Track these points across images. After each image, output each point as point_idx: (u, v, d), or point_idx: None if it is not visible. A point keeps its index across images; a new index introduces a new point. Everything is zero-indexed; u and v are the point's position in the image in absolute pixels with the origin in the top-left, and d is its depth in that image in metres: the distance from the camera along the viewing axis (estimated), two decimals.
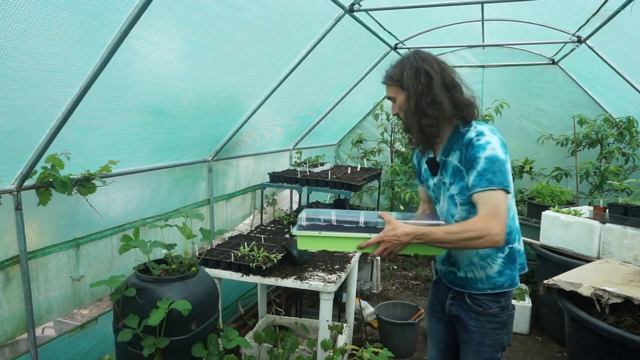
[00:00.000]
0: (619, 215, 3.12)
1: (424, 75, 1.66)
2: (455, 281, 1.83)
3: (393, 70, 1.75)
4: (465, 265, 1.78)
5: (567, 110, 5.05)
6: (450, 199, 1.73)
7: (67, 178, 2.05)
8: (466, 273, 1.79)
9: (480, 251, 1.71)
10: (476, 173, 1.58)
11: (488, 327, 1.77)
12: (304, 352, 2.79)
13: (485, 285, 1.76)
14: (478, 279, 1.76)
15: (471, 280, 1.78)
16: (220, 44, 2.44)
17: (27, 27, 1.52)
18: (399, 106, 1.74)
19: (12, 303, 2.04)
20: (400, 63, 1.74)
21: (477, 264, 1.75)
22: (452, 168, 1.71)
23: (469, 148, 1.63)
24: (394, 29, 4.07)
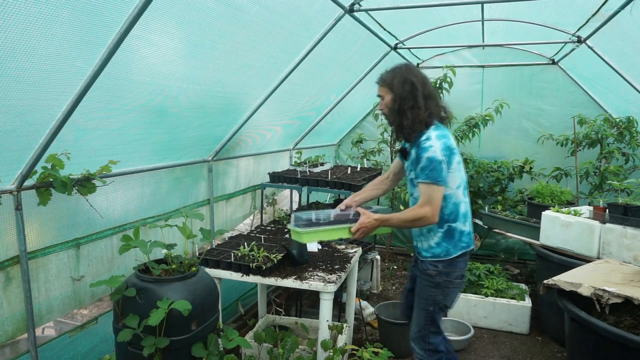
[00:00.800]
0: (619, 215, 3.11)
1: (409, 84, 2.15)
2: (414, 249, 2.46)
3: (387, 74, 2.23)
4: (417, 236, 2.38)
5: (567, 110, 5.05)
6: (410, 181, 2.31)
7: (67, 178, 2.05)
8: (417, 243, 2.39)
9: (425, 227, 2.26)
10: (420, 168, 2.14)
11: (425, 284, 2.33)
12: (304, 352, 2.79)
13: (427, 253, 2.32)
14: (423, 248, 2.34)
15: (419, 248, 2.37)
16: (220, 44, 2.44)
17: (27, 27, 1.52)
18: (385, 104, 2.24)
19: (13, 303, 2.04)
20: (393, 70, 2.22)
21: (424, 236, 2.33)
22: (412, 158, 2.25)
23: (419, 148, 2.16)
24: (394, 29, 4.07)
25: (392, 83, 2.18)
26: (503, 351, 3.63)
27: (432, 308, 2.32)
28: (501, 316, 3.90)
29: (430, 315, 2.33)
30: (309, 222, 2.32)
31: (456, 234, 2.26)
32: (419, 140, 2.16)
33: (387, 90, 2.21)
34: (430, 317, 2.33)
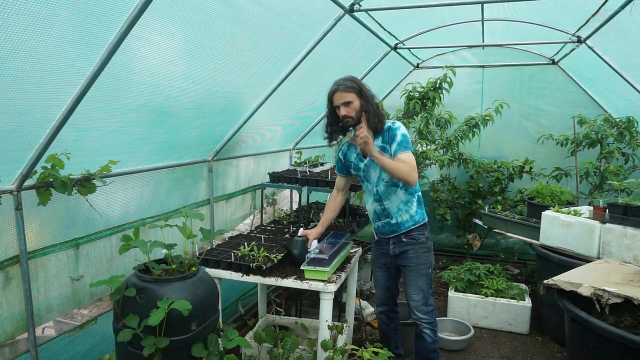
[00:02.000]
0: (618, 215, 3.11)
1: (368, 89, 2.59)
2: (391, 229, 2.70)
3: (348, 82, 2.53)
4: (395, 212, 2.66)
5: (567, 110, 5.05)
6: (381, 169, 2.55)
7: (67, 178, 2.05)
8: (397, 218, 2.67)
9: (403, 199, 2.63)
10: (397, 144, 2.51)
11: (420, 252, 2.68)
12: (304, 352, 2.79)
13: (411, 222, 2.66)
14: (405, 220, 2.66)
15: (401, 223, 2.66)
16: (220, 44, 2.44)
17: (26, 27, 1.52)
18: (354, 108, 2.50)
19: (12, 303, 2.04)
20: (351, 80, 2.56)
21: (402, 209, 2.65)
22: (378, 148, 2.50)
23: (390, 130, 2.56)
24: (394, 29, 4.07)
25: (359, 88, 2.52)
26: (503, 351, 3.63)
27: (430, 270, 2.71)
28: (501, 316, 3.90)
29: (430, 277, 2.72)
30: (317, 256, 2.64)
31: (421, 202, 2.73)
32: (384, 128, 2.57)
33: (355, 96, 2.50)
34: (430, 280, 2.74)
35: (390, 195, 2.63)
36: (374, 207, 2.73)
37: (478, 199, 5.18)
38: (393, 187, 2.61)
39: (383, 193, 2.64)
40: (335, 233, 3.16)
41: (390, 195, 2.63)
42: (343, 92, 2.49)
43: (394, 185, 2.61)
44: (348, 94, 2.49)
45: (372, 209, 2.75)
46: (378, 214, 2.72)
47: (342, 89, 2.50)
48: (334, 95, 2.53)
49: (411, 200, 2.65)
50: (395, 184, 2.60)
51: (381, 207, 2.68)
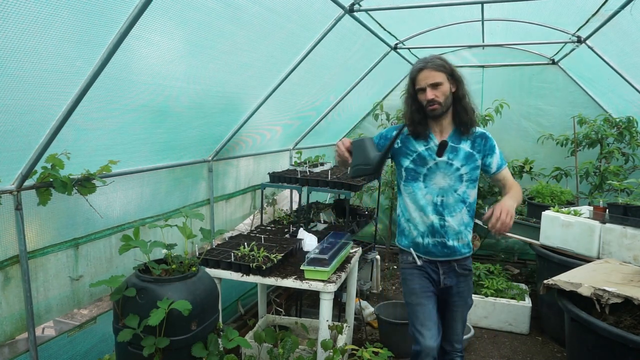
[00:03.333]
0: (619, 215, 3.11)
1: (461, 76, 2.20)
2: (444, 251, 2.23)
3: (440, 61, 2.12)
4: (453, 234, 2.22)
5: (567, 110, 5.05)
6: (459, 177, 2.18)
7: (67, 178, 2.05)
8: (453, 241, 2.22)
9: (465, 220, 2.22)
10: (499, 157, 2.26)
11: (469, 281, 2.35)
12: (304, 352, 2.78)
13: (467, 249, 2.27)
14: (461, 245, 2.24)
15: (456, 248, 2.23)
16: (219, 44, 2.44)
17: (26, 26, 1.52)
18: (443, 92, 2.11)
19: (11, 303, 2.04)
20: (441, 59, 2.14)
21: (462, 233, 2.23)
22: (463, 153, 2.18)
23: (486, 140, 2.23)
24: (394, 29, 4.07)
25: (451, 70, 2.12)
26: (503, 351, 3.63)
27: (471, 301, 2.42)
28: (501, 316, 3.90)
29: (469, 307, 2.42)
30: (317, 257, 2.60)
31: None
32: (477, 133, 2.21)
33: (446, 77, 2.09)
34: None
35: (456, 211, 2.19)
36: (430, 220, 2.20)
37: (478, 199, 5.17)
38: (461, 204, 2.20)
39: (449, 206, 2.19)
40: (335, 233, 3.16)
41: (455, 211, 2.19)
42: (432, 71, 2.08)
43: (462, 201, 2.20)
44: (438, 74, 2.08)
45: (428, 222, 2.21)
46: (434, 229, 2.21)
47: (430, 67, 2.08)
48: (420, 74, 2.10)
49: (471, 224, 2.26)
50: (464, 200, 2.20)
51: (440, 222, 2.19)
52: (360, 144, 2.05)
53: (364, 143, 2.05)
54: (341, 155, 2.12)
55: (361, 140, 2.07)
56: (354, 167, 2.04)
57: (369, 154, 2.02)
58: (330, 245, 2.83)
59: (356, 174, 2.06)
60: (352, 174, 2.07)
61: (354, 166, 2.04)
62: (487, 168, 2.23)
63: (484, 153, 2.21)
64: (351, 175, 2.08)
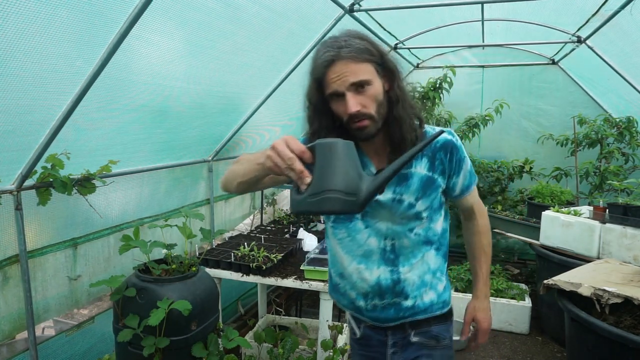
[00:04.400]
0: (619, 215, 3.11)
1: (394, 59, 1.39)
2: (398, 315, 1.43)
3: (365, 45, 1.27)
4: (416, 289, 1.42)
5: (567, 110, 5.05)
6: (415, 216, 1.37)
7: (67, 178, 2.05)
8: (415, 299, 1.42)
9: (432, 265, 1.44)
10: (468, 174, 1.43)
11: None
12: (304, 352, 2.78)
13: (437, 306, 1.45)
14: (428, 303, 1.43)
15: (419, 307, 1.43)
16: (219, 44, 2.44)
17: (26, 25, 1.51)
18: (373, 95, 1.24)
19: (10, 302, 2.03)
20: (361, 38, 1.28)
21: (428, 283, 1.43)
22: (418, 181, 1.34)
23: (451, 150, 1.36)
24: (394, 29, 4.07)
25: (381, 56, 1.27)
26: (503, 351, 3.63)
27: None
28: (501, 316, 3.90)
29: None
30: (317, 257, 2.57)
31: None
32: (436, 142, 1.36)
33: (375, 71, 1.23)
34: None
35: (417, 256, 1.41)
36: (375, 275, 1.40)
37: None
38: (424, 247, 1.41)
39: (405, 252, 1.39)
40: None
41: (415, 257, 1.40)
42: (351, 62, 1.20)
43: (426, 242, 1.41)
44: (362, 66, 1.20)
45: (372, 279, 1.40)
46: (383, 288, 1.40)
47: (348, 55, 1.19)
48: (331, 70, 1.21)
49: (442, 268, 1.48)
50: (429, 241, 1.41)
51: (393, 277, 1.40)
52: (333, 151, 1.00)
53: (340, 151, 1.00)
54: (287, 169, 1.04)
55: (332, 145, 1.00)
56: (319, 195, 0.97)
57: (351, 173, 0.99)
58: None
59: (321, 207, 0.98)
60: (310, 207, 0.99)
61: (318, 193, 0.98)
62: (449, 191, 1.42)
63: (449, 172, 1.38)
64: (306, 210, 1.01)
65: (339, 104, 1.25)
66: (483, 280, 1.59)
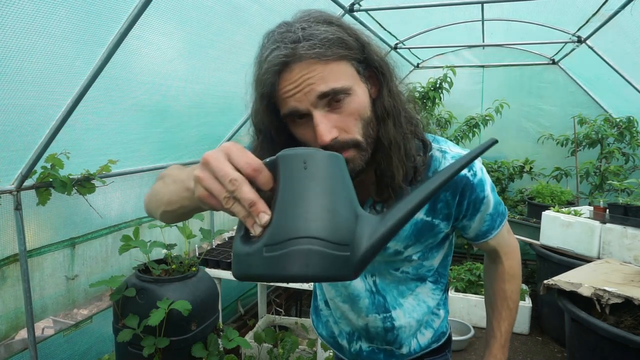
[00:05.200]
0: (619, 216, 3.11)
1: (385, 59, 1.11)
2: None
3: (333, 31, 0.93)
4: (412, 333, 1.18)
5: (567, 110, 5.05)
6: (403, 260, 1.07)
7: (66, 178, 2.04)
8: (410, 346, 1.18)
9: (430, 301, 1.18)
10: (487, 217, 1.06)
11: None
12: (304, 352, 2.78)
13: (434, 345, 1.22)
14: (423, 344, 1.20)
15: (415, 352, 1.20)
16: (219, 43, 2.43)
17: (25, 24, 1.51)
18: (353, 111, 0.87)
19: (7, 302, 2.03)
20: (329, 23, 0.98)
21: (424, 323, 1.19)
22: (410, 228, 1.02)
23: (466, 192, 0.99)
24: (394, 29, 4.07)
25: (362, 48, 0.93)
26: None
27: None
28: None
29: None
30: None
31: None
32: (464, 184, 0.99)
33: (355, 70, 0.87)
34: None
35: (405, 296, 1.14)
36: (365, 321, 1.15)
37: None
38: (414, 283, 1.15)
39: (395, 295, 1.14)
40: None
41: (404, 296, 1.14)
42: (314, 64, 0.80)
43: (418, 279, 1.14)
44: (331, 68, 0.81)
45: (361, 323, 1.16)
46: (371, 333, 1.17)
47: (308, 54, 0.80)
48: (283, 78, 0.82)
49: (442, 300, 1.22)
50: (421, 277, 1.14)
51: (386, 325, 1.14)
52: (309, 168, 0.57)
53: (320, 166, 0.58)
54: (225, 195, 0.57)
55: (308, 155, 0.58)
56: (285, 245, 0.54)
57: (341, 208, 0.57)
58: None
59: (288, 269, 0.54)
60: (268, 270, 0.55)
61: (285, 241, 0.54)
62: (461, 231, 1.11)
63: (458, 215, 1.04)
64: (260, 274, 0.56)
65: (304, 129, 0.83)
66: (500, 342, 1.19)
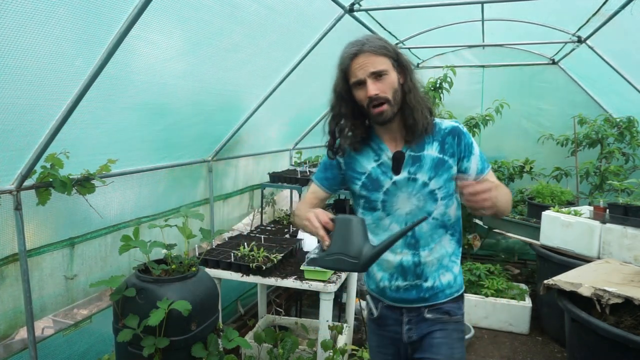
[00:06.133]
0: (619, 216, 3.11)
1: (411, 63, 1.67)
2: (419, 296, 1.61)
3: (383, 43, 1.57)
4: (434, 270, 1.60)
5: (567, 110, 5.05)
6: (430, 195, 1.54)
7: (66, 178, 2.04)
8: (434, 280, 1.60)
9: (449, 249, 1.62)
10: (479, 158, 1.58)
11: (454, 337, 1.62)
12: (304, 352, 2.78)
13: (454, 288, 1.64)
14: (445, 284, 1.61)
15: (438, 288, 1.61)
16: (217, 41, 2.43)
17: (24, 23, 1.50)
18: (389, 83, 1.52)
19: (6, 302, 2.03)
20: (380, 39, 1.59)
21: (446, 267, 1.61)
22: (430, 161, 1.53)
23: (458, 136, 1.56)
24: (394, 28, 4.07)
25: (396, 54, 1.50)
26: (503, 351, 3.62)
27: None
28: (501, 316, 3.89)
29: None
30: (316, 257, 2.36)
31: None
32: (444, 128, 1.57)
33: (392, 64, 1.47)
34: None
35: (435, 241, 1.58)
36: (399, 258, 1.59)
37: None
38: (440, 230, 1.58)
39: (424, 236, 1.57)
40: None
41: (433, 241, 1.58)
42: (371, 55, 1.45)
43: (442, 226, 1.58)
44: (380, 59, 1.45)
45: (396, 261, 1.60)
46: (405, 269, 1.59)
47: (369, 50, 1.45)
48: (354, 62, 1.46)
49: (457, 253, 1.65)
50: (444, 225, 1.58)
51: (414, 260, 1.58)
52: (347, 225, 1.38)
53: (352, 225, 1.38)
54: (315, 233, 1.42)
55: (347, 220, 1.39)
56: (332, 256, 1.36)
57: (357, 242, 1.36)
58: None
59: (333, 265, 1.37)
60: (326, 264, 1.38)
61: (332, 254, 1.36)
62: (467, 174, 1.56)
63: (459, 155, 1.55)
64: (322, 265, 1.39)
65: (360, 91, 1.49)
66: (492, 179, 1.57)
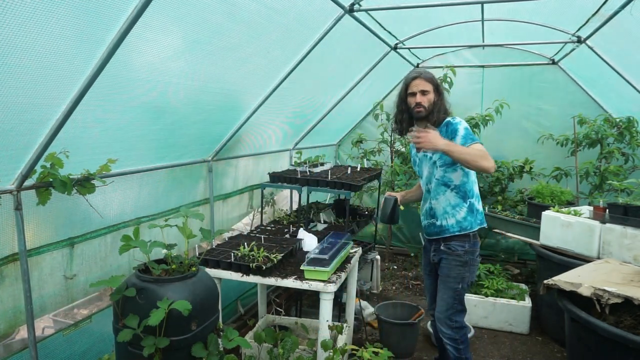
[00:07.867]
0: (619, 216, 3.11)
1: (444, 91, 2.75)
2: (435, 230, 2.71)
3: (430, 75, 2.66)
4: (441, 214, 2.66)
5: (567, 110, 5.05)
6: (433, 164, 2.67)
7: (66, 178, 2.04)
8: (441, 221, 2.66)
9: (452, 202, 2.63)
10: (461, 137, 2.50)
11: (453, 264, 2.65)
12: (304, 352, 2.78)
13: (455, 227, 2.63)
14: (450, 224, 2.64)
15: (445, 227, 2.65)
16: (216, 40, 2.43)
17: (24, 22, 1.50)
18: (429, 99, 2.61)
19: (5, 301, 2.03)
20: (431, 74, 2.68)
21: (449, 212, 2.64)
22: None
23: (449, 125, 2.60)
24: (394, 29, 4.07)
25: (437, 84, 2.64)
26: (503, 351, 3.63)
27: (460, 286, 2.64)
28: (501, 316, 3.90)
29: (458, 293, 2.66)
30: (317, 257, 2.63)
31: (474, 210, 2.66)
32: (446, 122, 2.62)
33: (433, 88, 2.61)
34: (459, 295, 2.67)
35: (439, 194, 2.65)
36: (424, 205, 2.78)
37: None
38: (443, 187, 2.64)
39: (434, 190, 2.68)
40: (335, 233, 3.16)
41: (438, 194, 2.66)
42: (423, 81, 2.60)
43: (444, 184, 2.63)
44: (427, 84, 2.60)
45: (423, 207, 2.80)
46: (427, 212, 2.75)
47: (424, 77, 2.61)
48: (413, 82, 2.61)
49: (460, 205, 2.62)
50: (446, 184, 2.63)
51: (429, 206, 2.73)
52: (386, 202, 2.80)
53: (388, 202, 2.79)
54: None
55: (386, 199, 2.81)
56: (380, 216, 2.85)
57: (386, 211, 2.78)
58: (330, 245, 2.83)
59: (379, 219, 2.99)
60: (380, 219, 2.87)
61: (380, 215, 2.86)
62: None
63: (449, 137, 2.51)
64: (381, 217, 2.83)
65: (412, 98, 2.65)
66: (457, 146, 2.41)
